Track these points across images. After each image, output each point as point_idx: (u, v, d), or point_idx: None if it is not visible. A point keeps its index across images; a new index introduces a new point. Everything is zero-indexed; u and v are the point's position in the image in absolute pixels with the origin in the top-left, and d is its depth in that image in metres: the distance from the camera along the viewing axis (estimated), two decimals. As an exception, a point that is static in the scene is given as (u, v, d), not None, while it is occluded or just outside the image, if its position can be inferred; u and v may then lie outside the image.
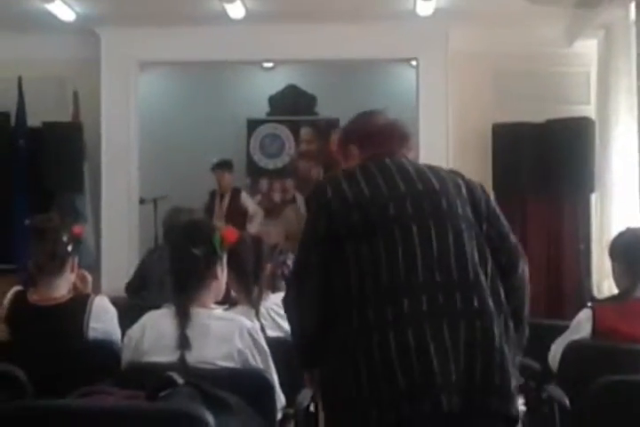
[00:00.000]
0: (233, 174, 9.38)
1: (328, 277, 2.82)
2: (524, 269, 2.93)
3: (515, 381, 2.77)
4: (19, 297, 3.79)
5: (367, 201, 2.84)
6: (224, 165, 9.24)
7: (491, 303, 2.76)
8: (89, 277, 4.11)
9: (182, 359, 3.20)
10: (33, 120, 8.63)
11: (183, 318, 3.27)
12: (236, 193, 9.27)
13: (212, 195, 9.25)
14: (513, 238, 2.94)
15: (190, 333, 3.26)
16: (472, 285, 2.76)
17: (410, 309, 2.70)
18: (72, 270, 3.80)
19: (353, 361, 2.70)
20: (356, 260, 2.78)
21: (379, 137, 3.16)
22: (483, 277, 2.79)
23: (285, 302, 2.98)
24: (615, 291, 4.12)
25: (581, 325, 3.87)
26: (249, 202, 9.44)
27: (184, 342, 3.22)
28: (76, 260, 3.90)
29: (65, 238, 3.76)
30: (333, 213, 2.84)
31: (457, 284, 2.75)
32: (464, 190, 2.94)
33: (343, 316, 2.77)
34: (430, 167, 3.01)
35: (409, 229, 2.80)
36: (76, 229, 3.80)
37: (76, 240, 3.79)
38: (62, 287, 3.77)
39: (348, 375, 2.71)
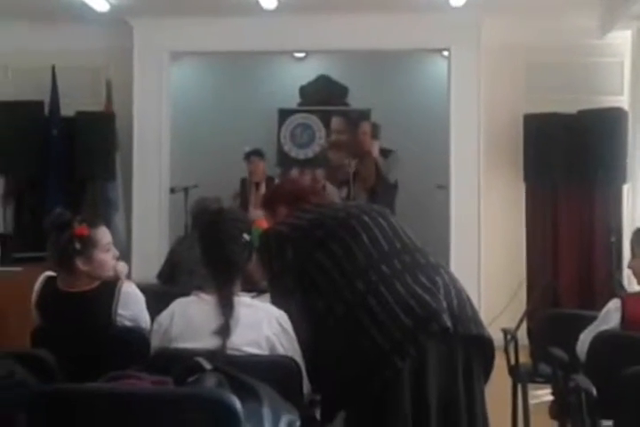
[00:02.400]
0: (265, 163, 9.41)
1: (306, 294, 3.38)
2: None
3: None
4: (49, 283, 3.83)
5: (319, 219, 3.51)
6: (258, 154, 9.26)
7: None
8: (123, 270, 4.13)
9: (223, 348, 3.22)
10: (66, 109, 8.71)
11: (227, 307, 3.29)
12: (270, 182, 9.28)
13: (244, 183, 9.26)
14: None
15: (219, 319, 3.28)
16: (423, 249, 3.50)
17: (388, 269, 3.34)
18: (86, 264, 3.79)
19: (358, 324, 3.21)
20: (331, 258, 3.36)
21: (304, 195, 3.83)
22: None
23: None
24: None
25: (610, 314, 3.86)
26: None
27: (226, 331, 3.24)
28: (106, 253, 3.90)
29: (66, 238, 3.76)
30: (296, 240, 3.44)
31: (413, 248, 3.47)
32: None
33: (336, 303, 3.29)
34: None
35: (363, 220, 3.47)
36: (79, 229, 3.79)
37: (82, 239, 3.79)
38: (82, 279, 3.79)
39: (358, 340, 3.22)
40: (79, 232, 3.77)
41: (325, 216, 3.55)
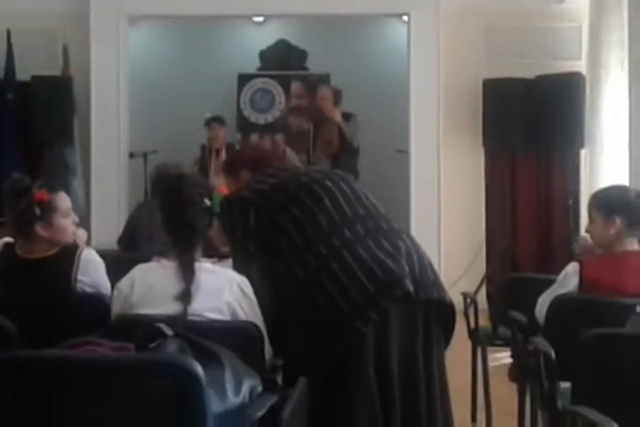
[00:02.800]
0: (226, 130, 9.38)
1: (268, 258, 3.40)
2: None
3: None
4: (7, 249, 3.80)
5: (281, 183, 3.50)
6: (219, 120, 9.24)
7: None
8: (82, 236, 4.10)
9: (184, 313, 3.22)
10: (22, 74, 8.60)
11: (187, 273, 3.28)
12: (230, 149, 9.24)
13: (204, 150, 9.23)
14: None
15: (180, 285, 3.27)
16: (385, 215, 3.51)
17: (351, 234, 3.35)
18: (46, 230, 3.76)
19: (321, 289, 3.24)
20: (294, 223, 3.38)
21: (267, 159, 3.82)
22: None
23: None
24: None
25: (569, 278, 3.89)
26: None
27: (187, 297, 3.24)
28: (66, 219, 3.86)
29: (25, 203, 3.72)
30: (259, 205, 3.45)
31: (375, 214, 3.48)
32: None
33: (298, 267, 3.31)
34: None
35: (326, 185, 3.48)
36: (39, 194, 3.74)
37: (42, 204, 3.74)
38: (42, 245, 3.76)
39: (321, 305, 3.25)
40: (39, 197, 3.73)
41: (288, 180, 3.55)
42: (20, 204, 3.72)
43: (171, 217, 3.49)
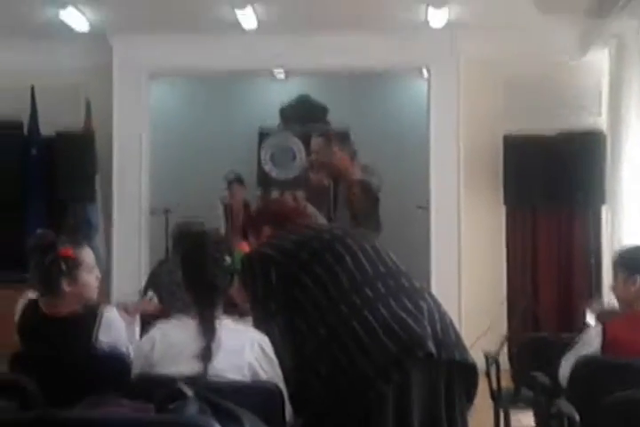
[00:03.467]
0: (246, 188, 9.46)
1: (289, 316, 3.34)
2: None
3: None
4: (31, 307, 3.80)
5: (303, 241, 3.47)
6: (240, 181, 9.31)
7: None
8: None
9: (205, 372, 3.21)
10: (46, 129, 8.66)
11: (208, 331, 3.29)
12: (247, 207, 9.29)
13: (226, 208, 9.28)
14: None
15: (201, 343, 3.27)
16: (406, 273, 3.47)
17: (372, 293, 3.31)
18: (72, 286, 3.76)
19: (342, 348, 3.19)
20: (315, 281, 3.33)
21: (290, 216, 3.81)
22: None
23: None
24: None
25: (591, 339, 3.87)
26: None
27: (207, 355, 3.23)
28: (90, 274, 3.86)
29: (50, 259, 3.72)
30: (280, 262, 3.39)
31: (396, 272, 3.44)
32: None
33: (320, 326, 3.26)
34: None
35: (347, 243, 3.46)
36: (65, 250, 3.75)
37: (67, 260, 3.75)
38: (66, 303, 3.76)
39: (342, 364, 3.19)
40: (64, 253, 3.75)
41: (310, 238, 3.53)
42: (45, 259, 3.74)
43: (192, 274, 3.49)
